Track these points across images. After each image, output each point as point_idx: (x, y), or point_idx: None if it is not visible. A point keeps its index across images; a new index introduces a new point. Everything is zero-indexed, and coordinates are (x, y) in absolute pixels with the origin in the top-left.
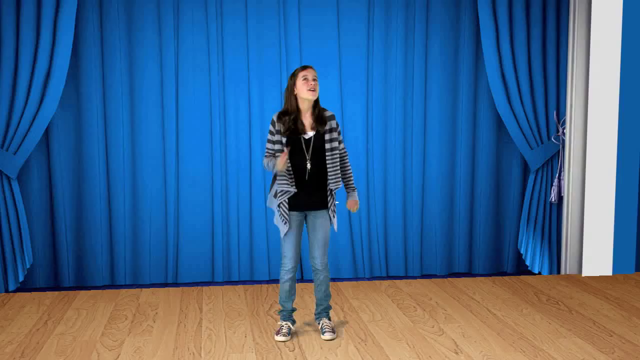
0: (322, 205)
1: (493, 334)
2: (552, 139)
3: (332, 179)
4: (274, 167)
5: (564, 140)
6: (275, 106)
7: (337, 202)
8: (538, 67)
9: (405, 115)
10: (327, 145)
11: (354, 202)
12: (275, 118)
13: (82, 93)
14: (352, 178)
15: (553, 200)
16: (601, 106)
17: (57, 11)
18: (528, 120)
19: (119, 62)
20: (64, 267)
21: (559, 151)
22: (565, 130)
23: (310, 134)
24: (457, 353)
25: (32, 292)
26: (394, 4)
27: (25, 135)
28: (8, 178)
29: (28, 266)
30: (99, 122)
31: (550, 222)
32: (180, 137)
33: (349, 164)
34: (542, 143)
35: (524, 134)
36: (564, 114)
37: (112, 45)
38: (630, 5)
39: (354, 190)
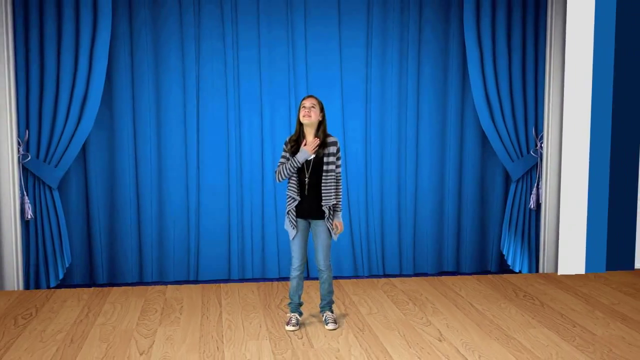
0: (322, 216)
1: (473, 325)
2: (531, 153)
3: (325, 197)
4: (289, 167)
5: (541, 154)
6: (283, 124)
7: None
8: (518, 88)
9: (400, 131)
10: (324, 167)
11: (336, 225)
12: (286, 140)
13: (115, 113)
14: (340, 200)
15: (532, 206)
16: (574, 123)
17: (93, 42)
18: (509, 136)
19: (147, 86)
20: (99, 266)
21: (537, 163)
22: (542, 145)
23: (311, 155)
24: (440, 341)
25: (71, 288)
26: (390, 33)
27: (65, 150)
28: (50, 188)
29: (67, 265)
30: (129, 139)
31: (530, 226)
32: (201, 152)
33: (340, 186)
34: (522, 156)
35: (505, 148)
36: (542, 130)
37: (141, 71)
38: (600, 37)
39: (339, 211)
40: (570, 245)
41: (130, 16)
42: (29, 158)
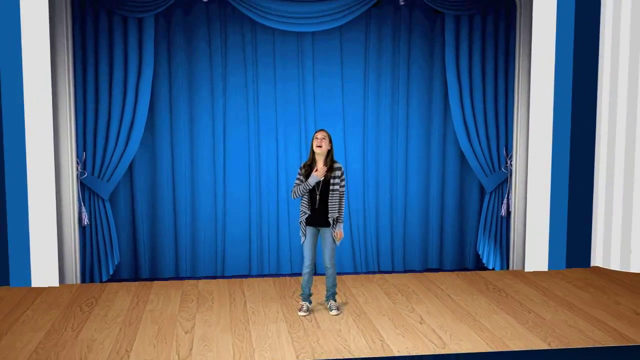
0: (328, 225)
1: (448, 312)
2: (502, 169)
3: (331, 210)
4: (302, 188)
5: (510, 170)
6: (295, 146)
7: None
8: (491, 116)
9: (392, 151)
10: (331, 187)
11: (338, 233)
12: (301, 165)
13: (156, 137)
14: (342, 213)
15: (503, 214)
16: (538, 144)
17: (139, 79)
18: (484, 155)
19: (182, 115)
20: (142, 263)
21: (507, 178)
22: (511, 162)
23: (321, 178)
24: (421, 324)
25: (120, 282)
26: (383, 71)
27: (115, 168)
28: (102, 199)
29: (116, 263)
30: (167, 158)
31: (501, 230)
32: (227, 169)
33: (343, 202)
34: (494, 172)
35: (480, 165)
36: (511, 150)
37: (178, 103)
38: (559, 76)
39: (340, 223)
40: (535, 246)
41: (169, 58)
42: (86, 175)
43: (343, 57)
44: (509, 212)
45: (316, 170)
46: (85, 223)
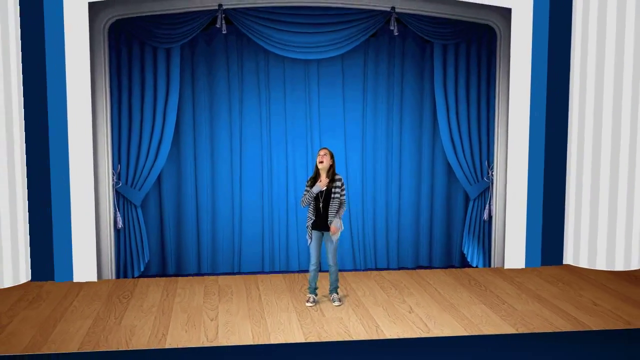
0: (329, 229)
1: (435, 303)
2: (484, 178)
3: (331, 216)
4: (309, 197)
5: (492, 179)
6: (302, 158)
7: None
8: (474, 132)
9: (387, 162)
10: (332, 196)
11: (335, 227)
12: (307, 179)
13: (181, 152)
14: (342, 212)
15: (485, 218)
16: (516, 157)
17: (167, 101)
18: (468, 166)
19: (204, 132)
20: (169, 261)
21: (489, 186)
22: (493, 173)
23: (324, 188)
24: (410, 313)
25: (150, 278)
26: (380, 92)
27: (146, 178)
28: (134, 205)
29: (146, 261)
30: (191, 170)
31: (484, 232)
32: (242, 178)
33: (343, 208)
34: (477, 181)
35: (465, 176)
36: (492, 162)
37: (200, 121)
38: (535, 96)
39: (339, 217)
40: (513, 246)
41: (193, 82)
42: (120, 184)
43: (344, 80)
44: (490, 217)
45: (320, 181)
46: (120, 226)
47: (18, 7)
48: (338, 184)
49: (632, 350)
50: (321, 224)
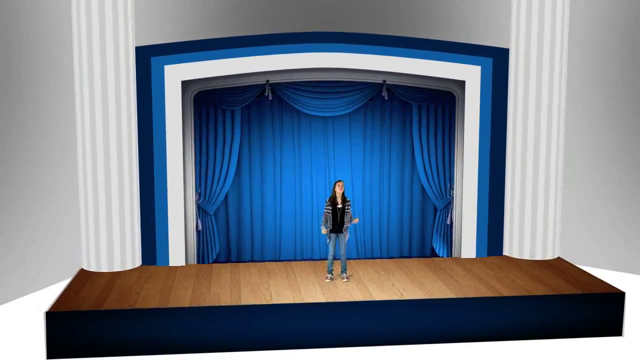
0: (341, 232)
1: (409, 281)
2: (447, 196)
3: (345, 224)
4: (325, 222)
5: (453, 196)
6: (322, 185)
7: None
8: (440, 164)
9: (380, 186)
10: (345, 211)
11: (355, 220)
12: (326, 200)
13: (241, 180)
14: (349, 222)
15: (448, 222)
16: (469, 181)
17: (232, 145)
18: (436, 188)
19: (256, 166)
20: (232, 252)
21: (450, 201)
22: (453, 192)
23: (339, 206)
24: (392, 286)
25: (220, 264)
26: (375, 138)
27: (217, 196)
28: (209, 214)
29: (217, 251)
30: (247, 192)
31: (447, 232)
32: (282, 197)
33: (350, 218)
34: (443, 198)
35: (434, 194)
36: (453, 184)
37: (254, 159)
38: (482, 139)
39: (348, 225)
40: (467, 242)
41: (249, 132)
42: (200, 200)
43: (351, 130)
44: (452, 222)
45: (336, 203)
46: (200, 228)
47: (135, 84)
48: (348, 204)
49: (527, 308)
50: (336, 228)
